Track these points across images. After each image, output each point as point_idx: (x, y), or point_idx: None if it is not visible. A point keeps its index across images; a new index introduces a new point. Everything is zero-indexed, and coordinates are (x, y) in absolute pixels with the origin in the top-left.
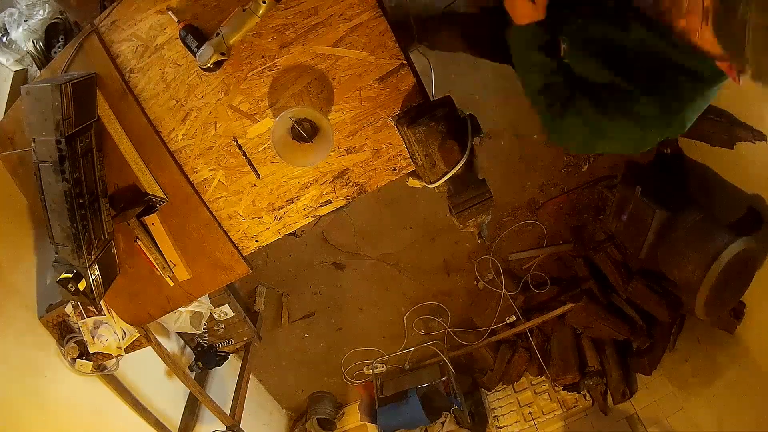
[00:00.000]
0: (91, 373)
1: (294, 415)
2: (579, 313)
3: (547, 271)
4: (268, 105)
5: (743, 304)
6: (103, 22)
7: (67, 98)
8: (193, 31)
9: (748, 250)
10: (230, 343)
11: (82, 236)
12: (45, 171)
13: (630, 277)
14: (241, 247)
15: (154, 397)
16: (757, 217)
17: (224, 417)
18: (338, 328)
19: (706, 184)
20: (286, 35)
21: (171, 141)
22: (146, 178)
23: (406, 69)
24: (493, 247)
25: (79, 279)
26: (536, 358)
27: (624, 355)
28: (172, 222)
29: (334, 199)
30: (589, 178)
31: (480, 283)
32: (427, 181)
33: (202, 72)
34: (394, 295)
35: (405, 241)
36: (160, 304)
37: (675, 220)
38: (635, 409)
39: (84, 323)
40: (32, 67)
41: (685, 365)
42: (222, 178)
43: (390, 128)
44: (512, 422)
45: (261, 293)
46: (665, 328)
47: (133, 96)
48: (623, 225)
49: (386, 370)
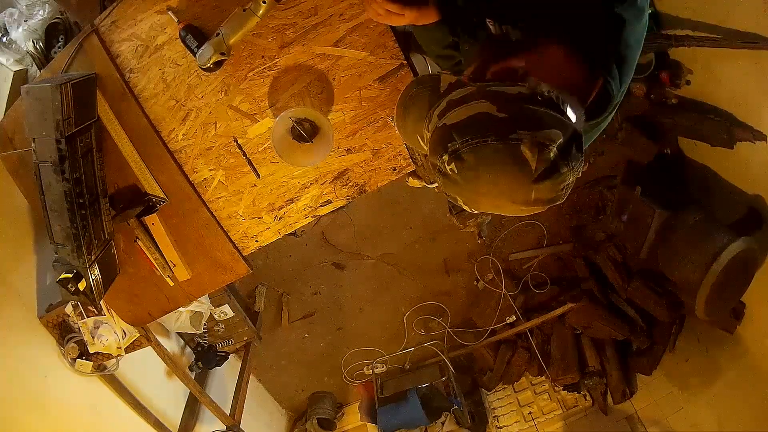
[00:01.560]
0: (91, 373)
1: (294, 415)
2: (579, 313)
3: (547, 271)
4: (268, 105)
5: (743, 304)
6: (103, 22)
7: (67, 98)
8: (193, 31)
9: (748, 250)
10: (230, 343)
11: (82, 236)
12: (45, 171)
13: (630, 277)
14: (241, 247)
15: (154, 397)
16: (757, 217)
17: (224, 417)
18: (338, 328)
19: (706, 184)
20: (286, 35)
21: (171, 141)
22: (146, 178)
23: (406, 69)
24: (493, 247)
25: (79, 279)
26: (536, 358)
27: (624, 355)
28: (172, 222)
29: (334, 199)
30: (589, 178)
31: (480, 283)
32: (427, 181)
33: (202, 72)
34: (394, 295)
35: (405, 241)
36: (160, 304)
37: (675, 220)
38: (635, 409)
39: (84, 323)
40: (32, 67)
41: (685, 365)
42: (222, 178)
43: (390, 128)
44: (512, 422)
45: (261, 293)
46: (665, 328)
47: (133, 96)
48: (623, 225)
49: (386, 370)
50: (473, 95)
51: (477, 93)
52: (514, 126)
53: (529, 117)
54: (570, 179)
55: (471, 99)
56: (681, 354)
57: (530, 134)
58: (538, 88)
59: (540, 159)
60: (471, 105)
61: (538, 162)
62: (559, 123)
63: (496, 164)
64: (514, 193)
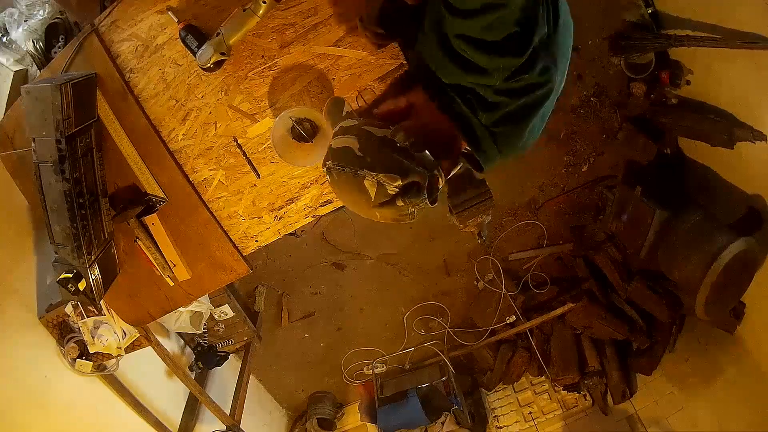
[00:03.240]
0: (91, 373)
1: (294, 415)
2: (579, 313)
3: (547, 271)
4: (268, 105)
5: (743, 304)
6: (103, 22)
7: (67, 98)
8: (193, 31)
9: (748, 250)
10: (230, 343)
11: (82, 236)
12: (45, 171)
13: (630, 277)
14: (241, 247)
15: (154, 397)
16: (757, 217)
17: (224, 417)
18: (338, 328)
19: (706, 184)
20: (286, 35)
21: (171, 141)
22: (146, 178)
23: (405, 69)
24: (493, 247)
25: (79, 279)
26: (536, 358)
27: (624, 355)
28: (172, 222)
29: (334, 199)
30: (589, 178)
31: (480, 283)
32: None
33: (202, 72)
34: (394, 295)
35: (405, 241)
36: (160, 304)
37: (675, 220)
38: (635, 409)
39: (84, 323)
40: (32, 67)
41: (685, 365)
42: (222, 178)
43: None
44: (512, 422)
45: (261, 293)
46: (665, 328)
47: (133, 96)
48: (623, 225)
49: (386, 370)
50: (351, 129)
51: (354, 128)
52: (364, 165)
53: (381, 160)
54: (411, 209)
55: (348, 132)
56: (681, 354)
57: (373, 174)
58: (397, 136)
59: (378, 192)
60: (345, 138)
61: (376, 195)
62: (402, 168)
63: (348, 188)
64: (361, 210)
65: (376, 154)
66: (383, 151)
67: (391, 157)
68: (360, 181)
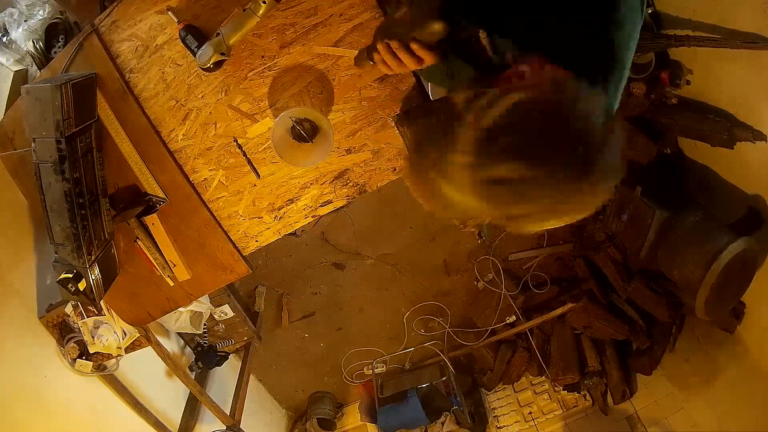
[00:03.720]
0: (91, 373)
1: (294, 415)
2: (579, 313)
3: (547, 271)
4: (268, 105)
5: (743, 304)
6: (103, 22)
7: (67, 98)
8: (193, 31)
9: (748, 250)
10: (230, 343)
11: (82, 236)
12: (45, 171)
13: (630, 277)
14: (241, 247)
15: (154, 397)
16: (757, 217)
17: (224, 417)
18: (338, 328)
19: (706, 184)
20: (286, 35)
21: (171, 141)
22: (146, 178)
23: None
24: (493, 247)
25: (79, 279)
26: (536, 358)
27: (624, 355)
28: (172, 222)
29: (334, 199)
30: None
31: (480, 283)
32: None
33: (202, 72)
34: (394, 295)
35: (405, 241)
36: (160, 304)
37: (675, 220)
38: (635, 409)
39: (84, 323)
40: (32, 67)
41: (685, 365)
42: (222, 178)
43: (390, 128)
44: (512, 422)
45: (261, 293)
46: (665, 328)
47: (133, 96)
48: (623, 225)
49: (386, 370)
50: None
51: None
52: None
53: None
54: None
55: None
56: (681, 354)
57: None
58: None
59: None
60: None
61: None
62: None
63: None
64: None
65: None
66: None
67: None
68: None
